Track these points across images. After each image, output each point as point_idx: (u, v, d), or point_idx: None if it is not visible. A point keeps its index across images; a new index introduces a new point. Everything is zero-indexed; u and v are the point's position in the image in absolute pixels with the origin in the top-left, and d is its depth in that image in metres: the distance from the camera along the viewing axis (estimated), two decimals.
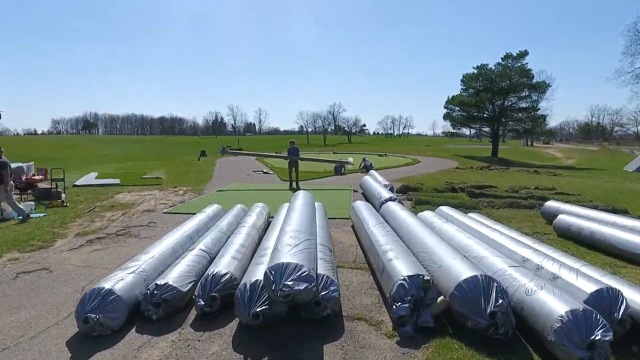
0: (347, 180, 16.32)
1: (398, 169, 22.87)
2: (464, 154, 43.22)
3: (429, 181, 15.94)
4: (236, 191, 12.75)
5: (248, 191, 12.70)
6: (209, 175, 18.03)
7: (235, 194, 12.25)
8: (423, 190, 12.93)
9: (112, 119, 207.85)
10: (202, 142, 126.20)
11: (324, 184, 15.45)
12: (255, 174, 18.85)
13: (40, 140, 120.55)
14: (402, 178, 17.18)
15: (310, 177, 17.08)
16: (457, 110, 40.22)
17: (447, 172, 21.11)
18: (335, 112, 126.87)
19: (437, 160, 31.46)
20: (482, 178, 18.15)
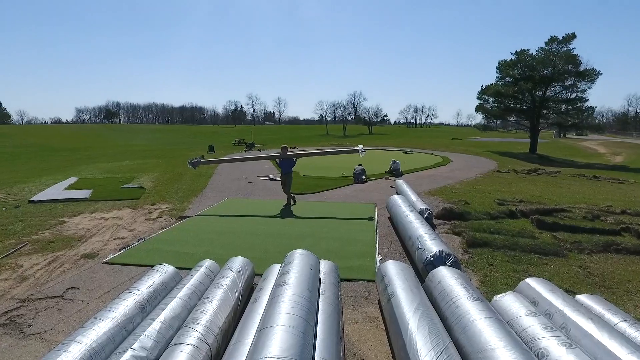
0: (370, 194, 13.18)
1: (428, 172, 19.53)
2: (498, 149, 39.24)
3: (474, 196, 12.64)
4: (222, 217, 9.74)
5: (237, 218, 9.71)
6: (204, 182, 15.20)
7: (218, 222, 9.19)
8: (471, 216, 9.69)
9: (133, 108, 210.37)
10: (220, 132, 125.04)
11: (337, 197, 12.37)
12: (260, 181, 15.92)
13: (63, 129, 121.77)
14: (437, 189, 13.93)
15: (322, 187, 14.02)
16: (492, 101, 36.12)
17: (489, 178, 17.66)
18: (355, 101, 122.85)
19: (471, 159, 27.83)
20: (535, 188, 14.71)
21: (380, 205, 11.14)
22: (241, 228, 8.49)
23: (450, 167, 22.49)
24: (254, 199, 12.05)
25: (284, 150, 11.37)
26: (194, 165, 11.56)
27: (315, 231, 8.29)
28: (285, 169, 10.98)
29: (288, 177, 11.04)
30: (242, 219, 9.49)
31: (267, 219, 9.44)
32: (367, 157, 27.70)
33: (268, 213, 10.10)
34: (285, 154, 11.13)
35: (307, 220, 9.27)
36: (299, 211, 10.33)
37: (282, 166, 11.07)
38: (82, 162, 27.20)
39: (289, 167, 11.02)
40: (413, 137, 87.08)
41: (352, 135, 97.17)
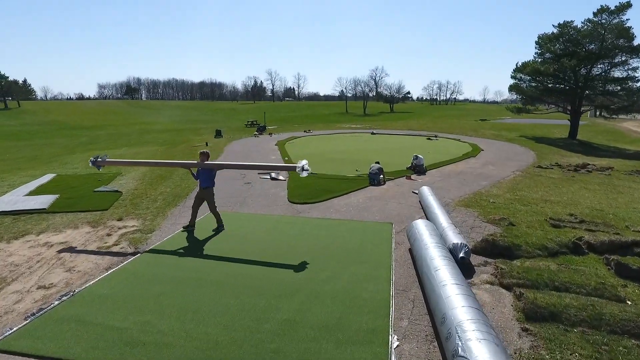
0: (387, 204, 10.79)
1: (457, 167, 16.88)
2: (532, 133, 35.69)
3: (518, 210, 10.10)
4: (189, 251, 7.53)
5: (210, 250, 7.54)
6: (193, 183, 13.10)
7: (180, 261, 6.96)
8: (522, 250, 7.23)
9: (154, 84, 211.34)
10: (239, 109, 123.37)
11: (346, 210, 10.04)
12: (259, 181, 13.71)
13: (85, 106, 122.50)
14: (470, 197, 11.40)
15: (329, 191, 11.69)
16: (529, 80, 32.37)
17: (530, 178, 14.91)
18: (377, 77, 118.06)
19: (504, 148, 24.78)
20: (592, 196, 11.99)
21: (399, 225, 8.78)
22: (210, 272, 6.33)
23: (482, 159, 19.70)
24: (243, 213, 9.83)
25: (202, 157, 8.48)
26: (97, 166, 8.66)
27: (310, 279, 6.07)
28: (203, 182, 8.38)
29: (207, 194, 8.44)
30: (216, 251, 7.31)
31: (249, 252, 7.23)
32: (387, 145, 25.17)
33: (254, 239, 7.90)
34: (203, 162, 8.36)
35: (301, 256, 7.03)
36: (295, 236, 8.08)
37: (200, 178, 8.43)
38: (83, 147, 25.67)
39: (209, 180, 8.38)
40: (437, 116, 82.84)
41: (372, 113, 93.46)
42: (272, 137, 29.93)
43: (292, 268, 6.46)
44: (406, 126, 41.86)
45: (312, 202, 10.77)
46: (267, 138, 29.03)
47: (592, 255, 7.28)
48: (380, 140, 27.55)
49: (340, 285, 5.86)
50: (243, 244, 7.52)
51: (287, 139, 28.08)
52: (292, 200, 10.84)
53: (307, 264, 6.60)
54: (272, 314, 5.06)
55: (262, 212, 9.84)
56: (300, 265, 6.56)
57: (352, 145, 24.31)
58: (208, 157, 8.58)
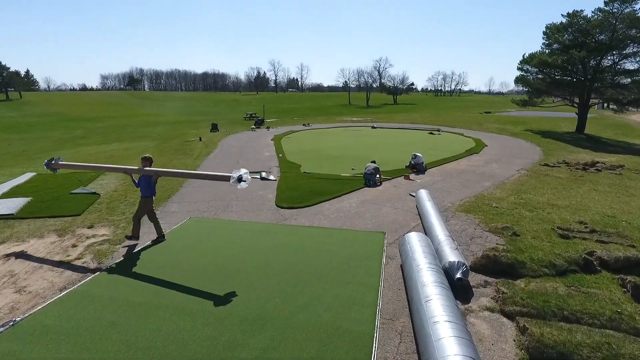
0: (382, 208, 10.04)
1: (459, 165, 16.07)
2: (538, 126, 34.65)
3: (523, 217, 9.33)
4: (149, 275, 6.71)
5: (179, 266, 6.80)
6: (178, 184, 12.41)
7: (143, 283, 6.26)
8: (527, 268, 6.49)
9: (156, 75, 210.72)
10: (242, 100, 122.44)
11: (337, 216, 9.31)
12: (249, 179, 12.94)
13: (87, 97, 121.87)
14: (472, 201, 10.63)
15: (321, 193, 10.95)
16: (535, 72, 31.24)
17: (536, 178, 14.07)
18: (381, 68, 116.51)
19: (509, 143, 23.87)
20: (602, 199, 11.17)
21: (392, 234, 8.05)
22: (171, 296, 5.62)
23: (486, 155, 18.85)
24: (222, 220, 9.11)
25: (144, 163, 7.60)
26: (52, 169, 8.00)
27: (285, 306, 5.35)
28: (143, 191, 7.54)
29: (146, 203, 7.58)
30: (182, 269, 6.60)
31: (220, 270, 6.51)
32: (388, 140, 24.31)
33: (228, 253, 7.19)
34: (144, 168, 7.46)
35: (279, 275, 6.32)
36: (275, 249, 7.37)
37: (140, 186, 7.58)
38: (73, 142, 25.03)
39: (147, 188, 7.51)
40: (441, 108, 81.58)
41: (375, 105, 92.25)
42: (269, 131, 29.14)
43: (265, 291, 5.74)
44: (409, 119, 40.88)
45: (300, 206, 10.05)
46: (264, 132, 28.25)
47: (605, 274, 6.53)
48: (381, 135, 26.69)
49: (318, 314, 5.15)
50: (215, 260, 6.80)
51: (284, 133, 27.29)
52: (279, 205, 10.12)
53: (284, 286, 5.89)
54: (236, 352, 4.37)
55: (245, 219, 9.14)
56: (275, 287, 5.85)
57: (351, 140, 23.48)
58: (151, 163, 7.70)
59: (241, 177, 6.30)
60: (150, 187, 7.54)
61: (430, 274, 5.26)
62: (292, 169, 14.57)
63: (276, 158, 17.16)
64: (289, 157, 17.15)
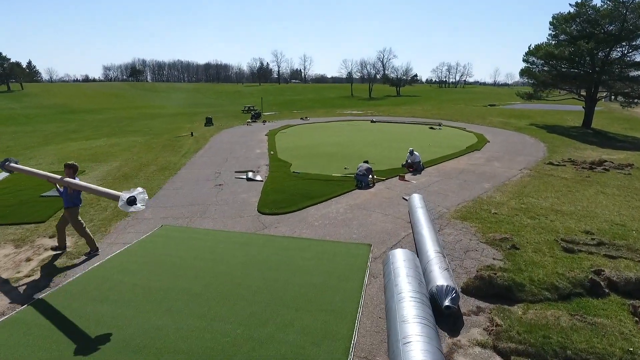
0: (371, 215, 9.31)
1: (459, 164, 15.28)
2: (543, 120, 33.61)
3: (524, 225, 8.58)
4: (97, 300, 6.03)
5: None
6: (158, 184, 11.74)
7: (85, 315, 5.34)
8: (525, 292, 5.77)
9: (159, 66, 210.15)
10: (244, 91, 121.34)
11: (322, 223, 8.60)
12: (233, 182, 12.29)
13: (89, 89, 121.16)
14: (469, 206, 9.87)
15: (308, 197, 10.22)
16: (541, 64, 30.15)
17: (540, 179, 13.25)
18: (384, 59, 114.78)
19: (512, 139, 22.97)
20: (611, 204, 10.37)
21: (379, 246, 7.33)
22: (117, 327, 4.94)
23: (487, 153, 18.01)
24: (196, 229, 8.39)
25: (67, 171, 6.82)
26: (7, 170, 7.32)
27: (244, 341, 4.65)
28: (65, 202, 6.91)
29: (70, 215, 6.92)
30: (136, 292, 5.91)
31: (179, 294, 5.82)
32: (386, 136, 23.41)
33: (193, 272, 6.49)
34: (67, 177, 6.59)
35: (245, 299, 5.64)
36: (247, 265, 6.67)
37: (62, 196, 6.93)
38: (63, 137, 24.37)
39: (67, 199, 6.84)
40: (445, 100, 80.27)
41: (378, 97, 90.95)
42: (265, 125, 28.33)
43: (227, 321, 5.06)
44: (410, 112, 39.91)
45: (284, 212, 9.34)
46: (259, 126, 27.45)
47: (615, 298, 5.80)
48: (379, 130, 25.83)
49: (281, 352, 4.46)
50: (178, 281, 6.09)
51: (280, 127, 26.50)
52: (261, 210, 9.40)
53: (249, 313, 5.20)
54: None
55: (221, 227, 8.44)
56: (239, 314, 5.17)
57: (348, 136, 22.65)
58: (75, 171, 6.90)
59: (133, 199, 5.01)
60: (69, 197, 6.82)
61: (412, 306, 4.55)
62: (281, 169, 13.85)
63: (267, 156, 16.42)
64: (281, 155, 16.41)
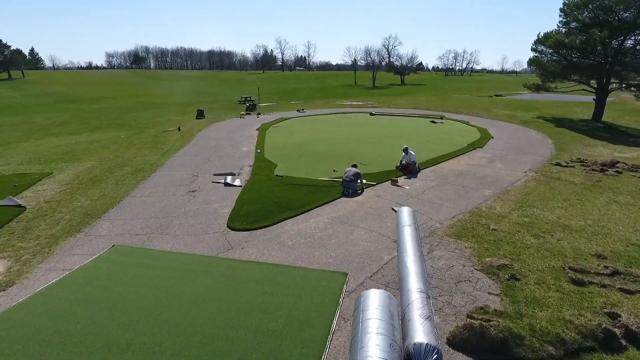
0: (354, 231, 8.28)
1: (458, 165, 14.15)
2: (551, 112, 32.15)
3: (526, 246, 7.52)
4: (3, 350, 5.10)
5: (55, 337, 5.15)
6: (126, 190, 10.75)
7: None
8: (525, 347, 4.74)
9: (162, 53, 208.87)
10: (247, 79, 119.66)
11: (297, 241, 7.59)
12: (208, 187, 11.27)
13: (92, 76, 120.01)
14: (465, 219, 8.80)
15: (287, 207, 9.20)
16: (550, 54, 28.59)
17: (546, 184, 12.10)
18: (390, 46, 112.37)
19: (517, 134, 21.69)
20: (625, 216, 9.26)
21: (357, 275, 6.32)
22: None
23: (490, 151, 16.82)
24: (147, 249, 7.38)
25: None
26: None
27: None
28: None
29: None
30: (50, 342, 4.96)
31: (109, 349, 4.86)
32: (384, 130, 22.14)
33: (139, 309, 5.52)
34: None
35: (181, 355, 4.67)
36: (191, 304, 5.69)
37: None
38: (45, 131, 23.44)
39: None
40: (449, 89, 78.32)
41: (381, 86, 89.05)
42: (259, 118, 27.17)
43: None
44: (412, 103, 38.50)
45: (257, 226, 8.33)
46: (252, 120, 26.29)
47: (634, 353, 4.77)
48: (378, 124, 24.57)
49: None
50: (104, 328, 5.09)
51: (274, 121, 25.32)
52: (230, 225, 8.39)
53: None
54: None
55: (181, 246, 7.45)
56: None
57: (343, 131, 21.46)
58: None
59: None
60: None
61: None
62: (264, 171, 12.81)
63: (253, 155, 15.36)
64: (268, 154, 15.35)
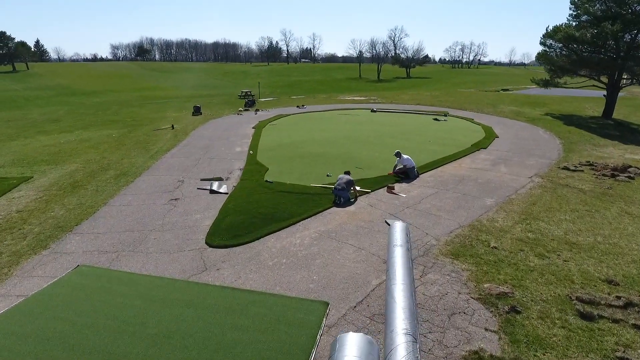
0: (342, 249, 7.64)
1: (460, 168, 13.43)
2: (560, 109, 31.12)
3: (527, 266, 6.86)
4: None
5: None
6: (103, 199, 10.17)
7: None
8: None
9: (167, 45, 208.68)
10: (251, 71, 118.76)
11: (274, 261, 6.97)
12: (193, 195, 10.66)
13: (95, 69, 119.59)
14: (461, 234, 8.14)
15: (272, 221, 8.57)
16: (560, 48, 27.50)
17: (552, 191, 11.35)
18: (396, 38, 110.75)
19: (524, 132, 20.84)
20: (639, 231, 8.53)
21: (339, 305, 5.69)
22: None
23: (494, 152, 16.04)
24: (119, 272, 6.79)
25: None
26: None
27: None
28: None
29: None
30: None
31: None
32: (384, 129, 21.21)
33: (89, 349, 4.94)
34: None
35: None
36: (149, 340, 5.10)
37: None
38: (42, 127, 22.94)
39: None
40: (455, 83, 76.95)
41: (386, 79, 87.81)
42: (257, 114, 26.44)
43: None
44: (416, 99, 37.55)
45: (237, 242, 7.72)
46: (250, 117, 25.57)
47: None
48: (378, 122, 23.76)
49: None
50: None
51: (272, 118, 24.61)
52: (209, 241, 7.77)
53: None
54: None
55: (151, 268, 6.84)
56: None
57: (342, 129, 20.67)
58: None
59: None
60: None
61: None
62: (255, 175, 12.17)
63: (245, 156, 14.71)
64: (260, 155, 14.70)
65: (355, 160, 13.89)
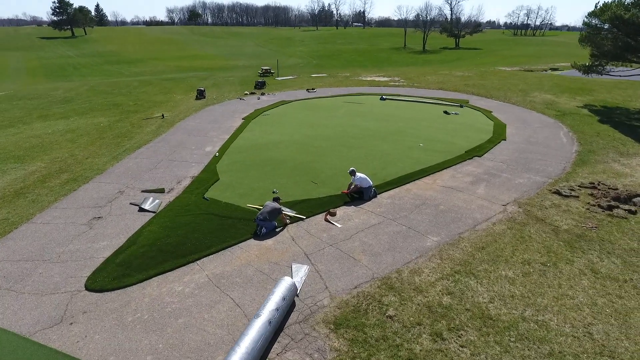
0: (226, 294, 7.01)
1: (428, 189, 12.02)
2: (604, 100, 27.09)
3: (406, 355, 5.84)
4: None
5: None
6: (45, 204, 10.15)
7: None
8: None
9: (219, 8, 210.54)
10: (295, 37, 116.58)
11: (132, 315, 6.49)
12: (126, 207, 10.37)
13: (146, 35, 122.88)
14: (361, 293, 7.17)
15: (167, 259, 8.05)
16: (606, 30, 23.58)
17: (518, 231, 9.72)
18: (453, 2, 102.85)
19: (542, 132, 18.34)
20: (599, 313, 7.08)
21: None
22: None
23: (488, 162, 14.23)
24: None
25: None
26: None
27: None
28: None
29: None
30: None
31: None
32: (381, 125, 19.41)
33: None
34: None
35: None
36: None
37: None
38: (47, 110, 23.78)
39: None
40: (507, 55, 70.51)
41: (432, 50, 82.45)
42: (259, 100, 25.58)
43: None
44: (441, 82, 34.58)
45: (116, 286, 7.31)
46: (250, 102, 24.80)
47: None
48: (379, 113, 21.89)
49: None
50: None
51: (271, 105, 23.67)
52: (89, 283, 7.41)
53: None
54: None
55: (8, 314, 6.62)
56: None
57: (330, 125, 18.92)
58: None
59: None
60: None
61: None
62: (198, 188, 11.63)
63: (209, 159, 14.17)
64: (226, 158, 14.11)
65: (315, 172, 12.89)
